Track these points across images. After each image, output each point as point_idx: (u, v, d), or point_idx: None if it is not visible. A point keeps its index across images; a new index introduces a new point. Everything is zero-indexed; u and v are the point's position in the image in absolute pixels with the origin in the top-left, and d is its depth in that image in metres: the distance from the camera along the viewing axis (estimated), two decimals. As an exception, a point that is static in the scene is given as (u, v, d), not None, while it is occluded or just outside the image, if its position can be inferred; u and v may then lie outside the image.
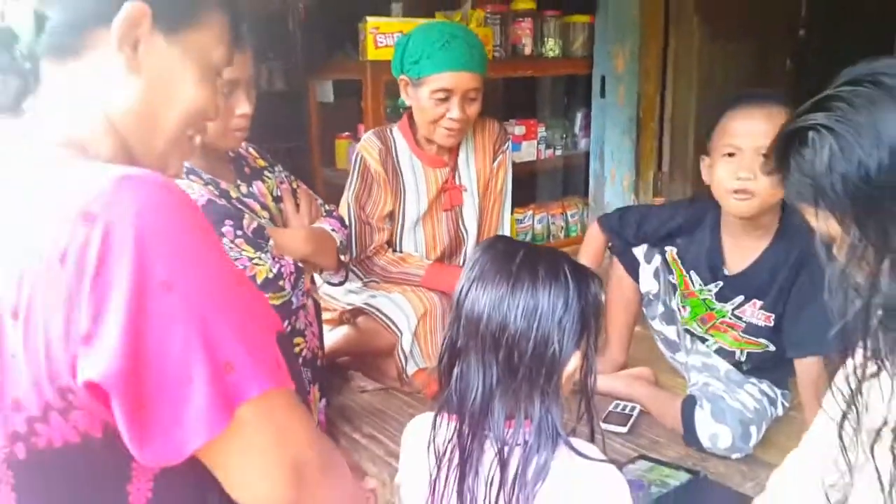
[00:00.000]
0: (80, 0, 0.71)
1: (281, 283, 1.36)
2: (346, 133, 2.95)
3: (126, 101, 0.72)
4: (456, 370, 0.91)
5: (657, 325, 1.86)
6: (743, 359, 1.74)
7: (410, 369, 1.87)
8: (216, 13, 0.78)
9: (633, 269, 1.83)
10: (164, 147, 0.77)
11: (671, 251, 1.77)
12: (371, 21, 2.52)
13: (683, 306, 1.78)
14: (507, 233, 2.12)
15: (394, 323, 1.86)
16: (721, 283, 1.68)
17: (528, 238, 3.15)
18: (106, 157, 0.72)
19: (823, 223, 0.81)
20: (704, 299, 1.72)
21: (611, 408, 1.81)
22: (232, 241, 1.32)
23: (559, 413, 0.89)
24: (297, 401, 0.70)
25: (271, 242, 1.41)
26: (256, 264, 1.33)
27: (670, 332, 1.84)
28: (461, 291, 0.90)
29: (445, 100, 1.82)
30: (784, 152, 0.84)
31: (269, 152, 1.71)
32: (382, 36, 2.52)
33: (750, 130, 1.46)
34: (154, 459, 0.61)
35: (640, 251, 1.81)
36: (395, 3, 2.94)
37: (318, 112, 2.98)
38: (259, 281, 1.33)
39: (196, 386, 0.60)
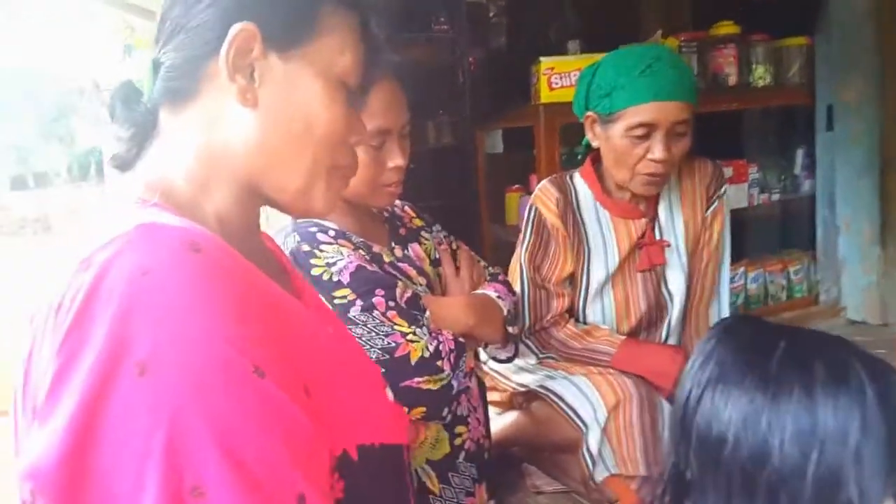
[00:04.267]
0: (189, 36, 0.66)
1: (439, 363, 1.21)
2: (517, 186, 2.86)
3: (247, 137, 0.67)
4: None
5: None
6: None
7: (599, 475, 1.56)
8: (336, 15, 0.69)
9: None
10: (302, 182, 0.70)
11: None
12: (545, 62, 2.43)
13: None
14: (725, 298, 1.75)
15: (577, 414, 1.58)
16: None
17: (741, 301, 2.79)
18: (224, 201, 0.69)
19: None
20: None
21: None
22: (383, 314, 1.21)
23: None
24: None
25: (427, 314, 1.27)
26: (411, 341, 1.20)
27: None
28: (688, 398, 0.72)
29: (646, 137, 1.54)
30: None
31: (433, 210, 1.61)
32: (558, 77, 2.42)
33: None
34: None
35: None
36: (572, 41, 2.78)
37: (486, 165, 2.91)
38: (413, 361, 1.20)
39: None
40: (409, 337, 1.20)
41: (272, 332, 0.59)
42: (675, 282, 1.71)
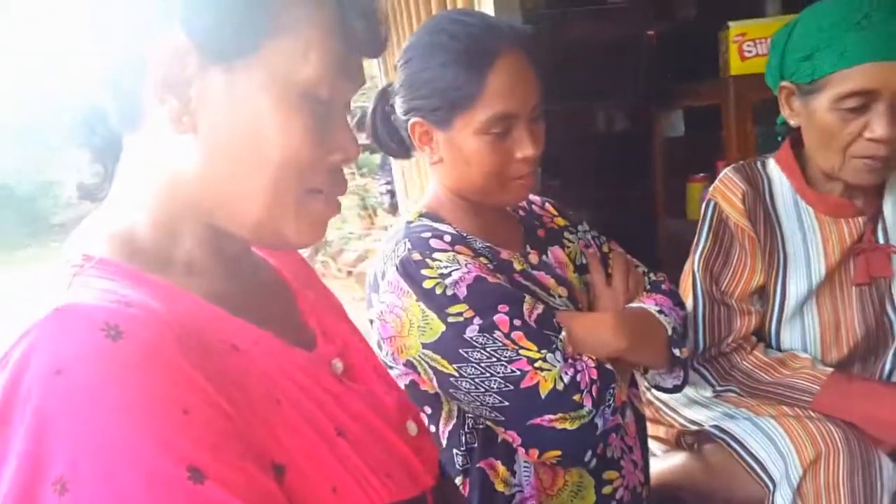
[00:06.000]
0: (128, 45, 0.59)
1: (577, 396, 1.06)
2: (701, 174, 2.64)
3: (193, 169, 0.62)
4: None
5: None
6: None
7: (794, 547, 1.28)
8: (296, 9, 0.60)
9: None
10: (264, 215, 0.64)
11: None
12: (735, 27, 2.23)
13: None
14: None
15: (762, 465, 1.33)
16: None
17: None
18: (195, 247, 0.65)
19: None
20: None
21: None
22: (506, 335, 1.07)
23: None
24: None
25: (563, 334, 1.11)
26: (540, 368, 1.05)
27: None
28: None
29: (862, 109, 1.26)
30: None
31: (601, 204, 1.52)
32: (751, 43, 2.21)
33: None
34: None
35: None
36: (772, 1, 2.51)
37: (664, 150, 2.70)
38: (543, 394, 1.05)
39: None
40: (538, 364, 1.05)
41: (224, 413, 0.54)
42: (907, 299, 1.36)
